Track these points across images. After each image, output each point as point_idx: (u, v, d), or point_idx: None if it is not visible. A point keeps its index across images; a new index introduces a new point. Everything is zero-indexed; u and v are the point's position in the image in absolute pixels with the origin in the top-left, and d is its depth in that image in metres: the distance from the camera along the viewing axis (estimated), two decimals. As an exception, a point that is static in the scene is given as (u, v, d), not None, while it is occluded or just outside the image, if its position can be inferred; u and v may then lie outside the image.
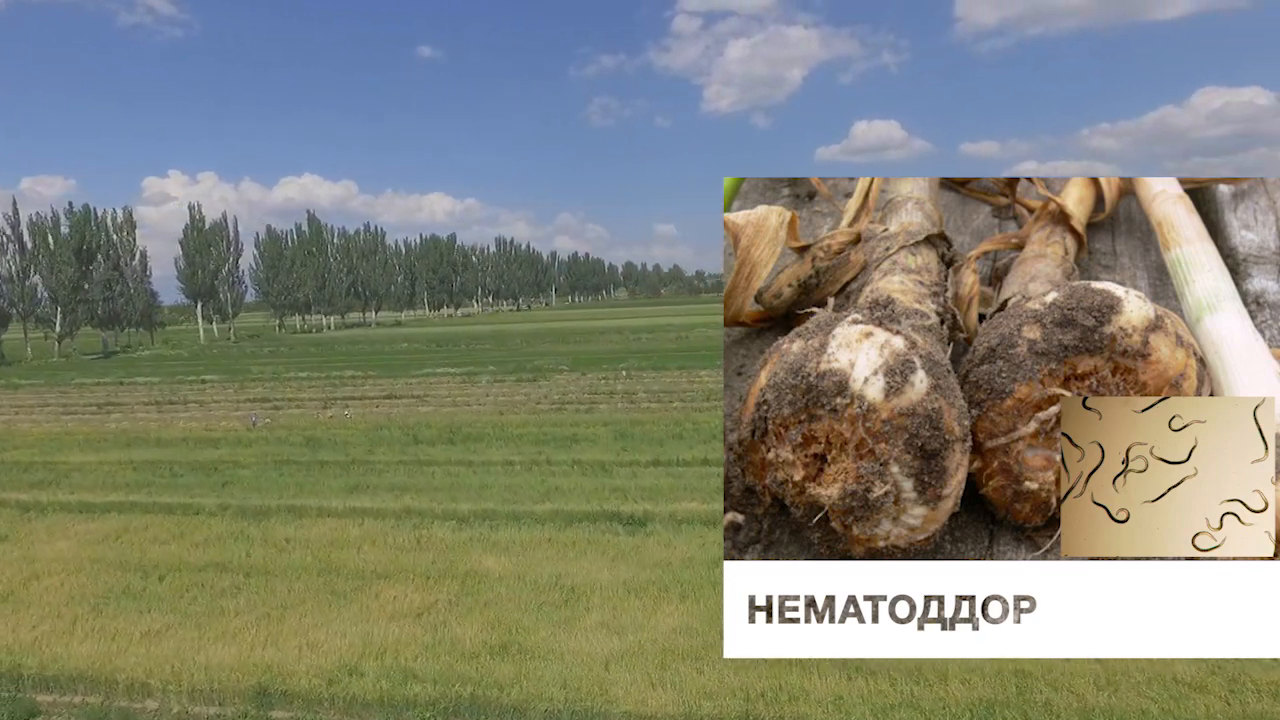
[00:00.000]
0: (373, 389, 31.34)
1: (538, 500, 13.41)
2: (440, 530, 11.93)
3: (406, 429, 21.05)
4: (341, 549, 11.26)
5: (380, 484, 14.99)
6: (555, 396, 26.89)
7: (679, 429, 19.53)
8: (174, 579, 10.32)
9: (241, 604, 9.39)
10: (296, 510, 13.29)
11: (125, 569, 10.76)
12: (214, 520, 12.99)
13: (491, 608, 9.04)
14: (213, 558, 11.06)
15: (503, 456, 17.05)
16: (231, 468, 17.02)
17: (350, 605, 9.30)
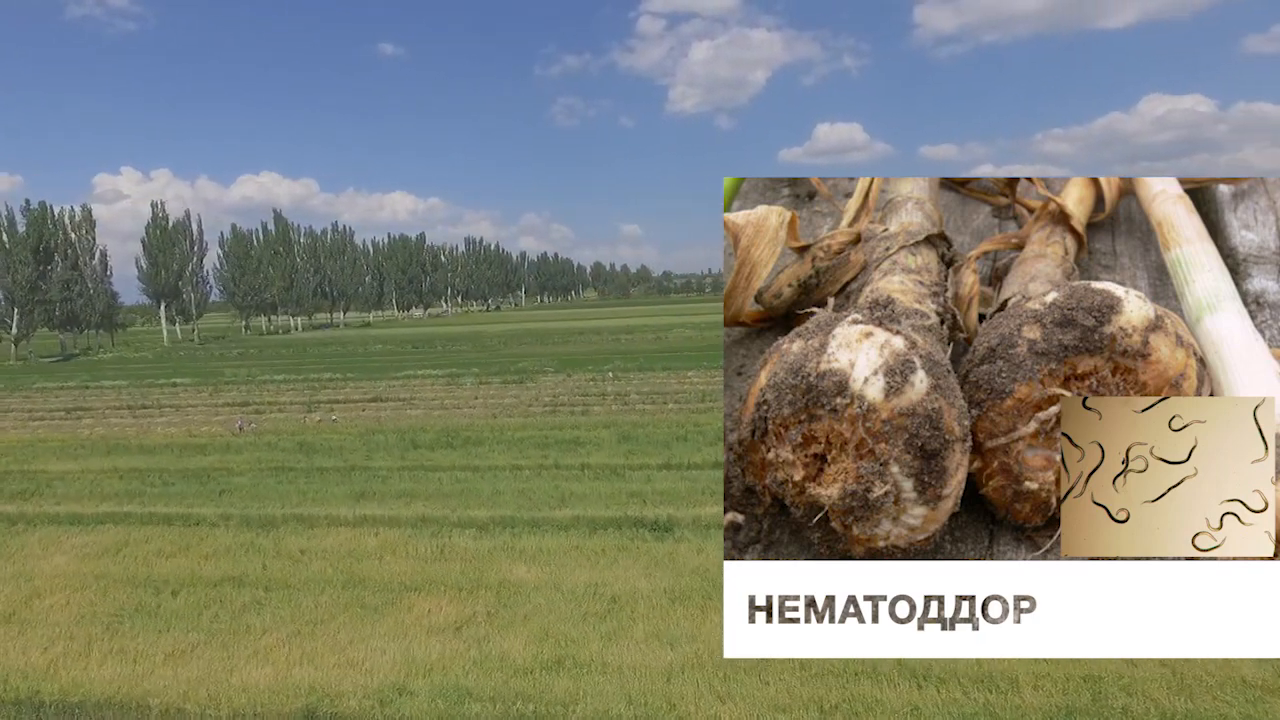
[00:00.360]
0: (355, 392, 30.64)
1: (555, 506, 13.13)
2: (461, 539, 11.58)
3: (400, 433, 20.57)
4: (362, 560, 10.86)
5: (386, 491, 14.56)
6: (546, 399, 26.54)
7: (681, 431, 19.35)
8: (188, 595, 9.84)
9: (267, 620, 8.98)
10: (304, 519, 12.82)
11: (133, 585, 10.25)
12: (218, 531, 12.46)
13: (533, 619, 8.76)
14: (226, 571, 10.59)
15: (508, 461, 16.70)
16: (225, 475, 16.41)
17: (383, 619, 8.94)
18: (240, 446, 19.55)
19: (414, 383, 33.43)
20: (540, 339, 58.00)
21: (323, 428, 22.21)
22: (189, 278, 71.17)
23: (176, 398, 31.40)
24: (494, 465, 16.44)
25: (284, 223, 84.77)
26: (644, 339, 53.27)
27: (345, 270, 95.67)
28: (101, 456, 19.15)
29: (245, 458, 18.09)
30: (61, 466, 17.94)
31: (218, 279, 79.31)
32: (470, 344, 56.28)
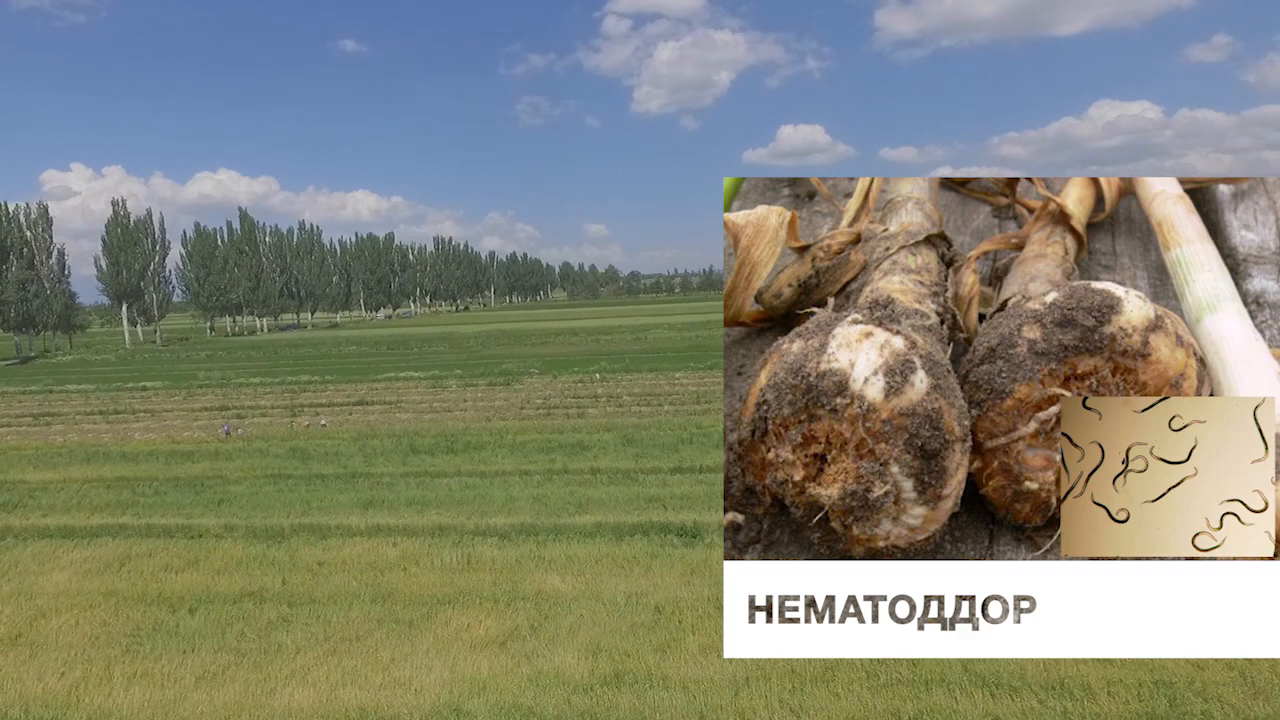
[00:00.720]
0: (338, 395, 29.90)
1: (573, 512, 12.85)
2: (484, 548, 11.25)
3: (396, 437, 20.06)
4: (385, 572, 10.47)
5: (394, 498, 14.13)
6: (538, 401, 26.17)
7: (685, 434, 19.17)
8: (207, 612, 9.37)
9: (298, 638, 8.57)
10: (314, 530, 12.36)
11: (145, 602, 9.74)
12: (224, 543, 11.95)
13: (580, 632, 8.49)
14: (243, 586, 10.12)
15: (515, 466, 16.36)
16: (219, 483, 15.81)
17: (421, 635, 8.60)
18: (230, 453, 18.87)
19: (397, 385, 32.76)
20: (517, 340, 57.41)
21: (313, 432, 21.58)
22: (151, 278, 69.03)
23: (149, 402, 30.35)
24: (501, 470, 16.09)
25: (250, 221, 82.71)
26: (623, 340, 53.01)
27: (313, 270, 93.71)
28: (81, 465, 18.34)
29: (238, 465, 17.46)
30: (40, 476, 17.13)
31: (180, 279, 77.12)
32: (446, 345, 55.47)
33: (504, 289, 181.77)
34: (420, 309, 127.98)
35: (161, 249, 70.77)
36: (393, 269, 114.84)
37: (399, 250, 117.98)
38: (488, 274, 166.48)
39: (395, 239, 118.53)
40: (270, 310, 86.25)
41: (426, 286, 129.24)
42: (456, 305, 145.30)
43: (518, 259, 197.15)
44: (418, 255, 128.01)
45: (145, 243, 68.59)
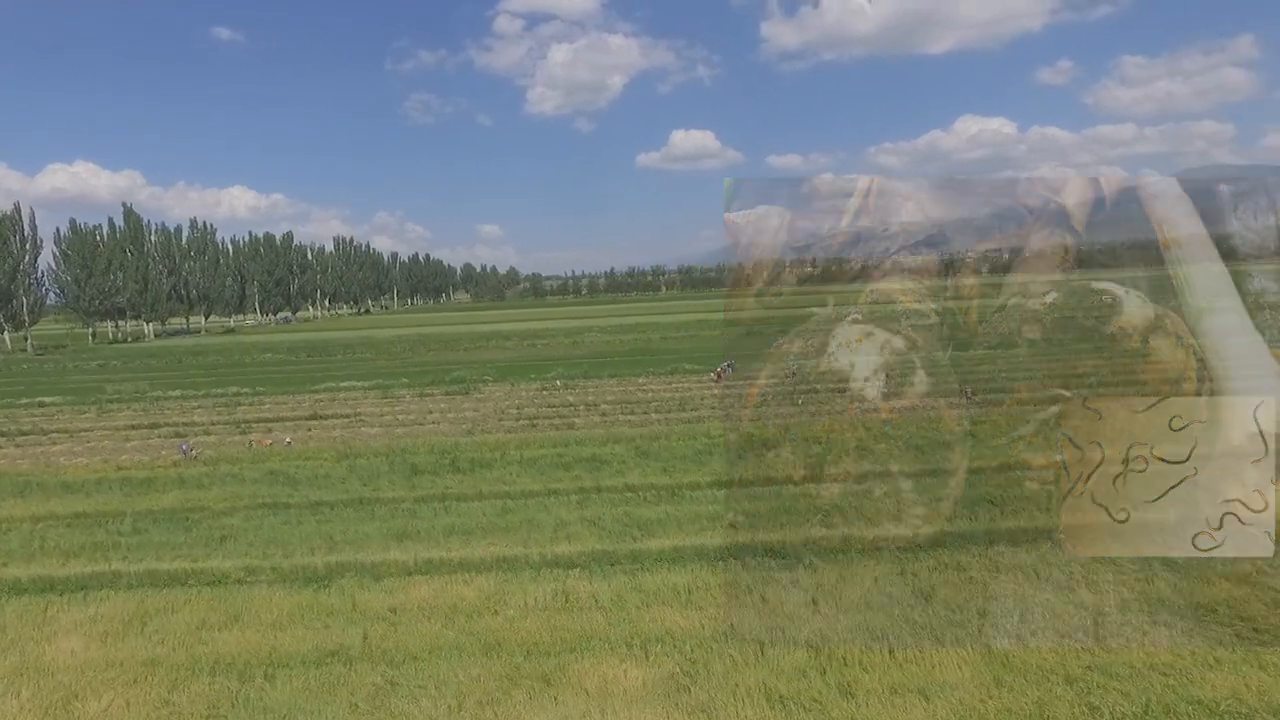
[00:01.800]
0: (282, 409, 27.50)
1: (640, 536, 11.94)
2: (572, 581, 10.21)
3: (384, 456, 18.44)
4: (474, 616, 9.30)
5: (428, 528, 12.78)
6: (512, 412, 24.87)
7: (695, 444, 18.55)
8: (289, 679, 7.97)
9: (426, 707, 7.37)
10: (357, 569, 10.96)
11: (201, 671, 8.20)
12: (256, 590, 10.39)
13: (741, 676, 7.67)
14: (315, 644, 8.71)
15: (541, 486, 15.25)
16: (207, 516, 13.92)
17: (564, 692, 7.58)
18: (197, 479, 16.74)
19: (342, 396, 30.49)
20: (446, 345, 55.11)
21: (279, 452, 19.56)
22: (21, 279, 62.07)
23: (56, 420, 26.93)
24: (527, 491, 14.94)
25: (136, 219, 75.59)
26: (560, 345, 51.81)
27: (206, 271, 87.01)
28: (15, 499, 15.83)
29: (216, 493, 15.47)
30: (-30, 515, 14.59)
31: (54, 281, 69.74)
32: (371, 350, 52.55)
33: (405, 291, 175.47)
34: (319, 312, 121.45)
35: (33, 248, 63.78)
36: (291, 270, 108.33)
37: (298, 251, 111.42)
38: (390, 275, 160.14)
39: (294, 239, 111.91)
40: (159, 314, 79.32)
41: (327, 289, 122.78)
42: (358, 308, 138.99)
43: (419, 260, 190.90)
44: (317, 256, 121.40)
45: (14, 240, 61.57)
